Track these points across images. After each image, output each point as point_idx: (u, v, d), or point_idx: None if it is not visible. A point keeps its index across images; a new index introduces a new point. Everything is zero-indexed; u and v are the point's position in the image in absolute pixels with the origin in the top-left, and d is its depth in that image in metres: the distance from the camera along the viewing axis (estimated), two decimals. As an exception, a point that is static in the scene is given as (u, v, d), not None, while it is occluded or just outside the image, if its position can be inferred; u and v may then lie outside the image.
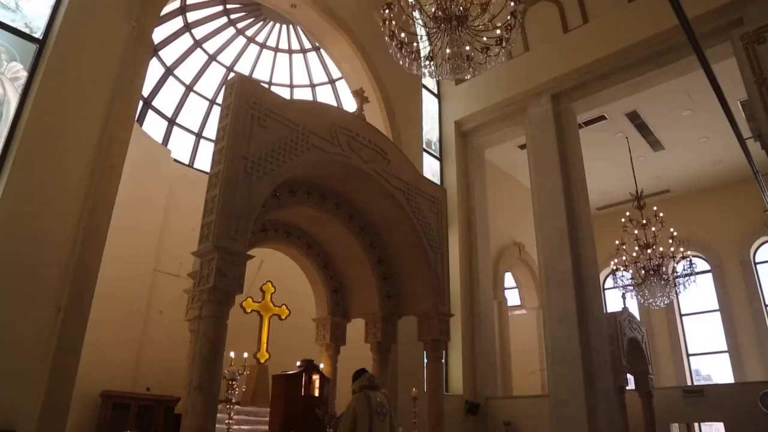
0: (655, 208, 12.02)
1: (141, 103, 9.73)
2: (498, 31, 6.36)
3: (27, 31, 6.07)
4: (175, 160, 9.89)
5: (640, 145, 14.39)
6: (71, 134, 5.86)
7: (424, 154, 12.79)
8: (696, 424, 14.07)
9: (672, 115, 13.28)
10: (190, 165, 10.63)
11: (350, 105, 10.30)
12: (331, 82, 13.00)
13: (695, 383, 14.99)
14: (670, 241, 11.57)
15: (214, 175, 5.25)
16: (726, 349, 15.45)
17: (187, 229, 7.52)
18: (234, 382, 5.22)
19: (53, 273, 5.39)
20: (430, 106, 13.97)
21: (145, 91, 10.02)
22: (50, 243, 5.44)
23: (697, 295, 15.36)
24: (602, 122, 13.55)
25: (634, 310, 13.78)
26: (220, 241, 4.86)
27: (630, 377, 11.98)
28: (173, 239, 8.71)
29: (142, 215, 8.48)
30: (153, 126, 10.43)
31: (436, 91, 14.35)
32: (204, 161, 10.62)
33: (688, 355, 16.36)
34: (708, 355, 16.18)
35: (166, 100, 10.88)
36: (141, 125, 9.70)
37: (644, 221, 11.76)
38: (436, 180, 13.04)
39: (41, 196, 5.47)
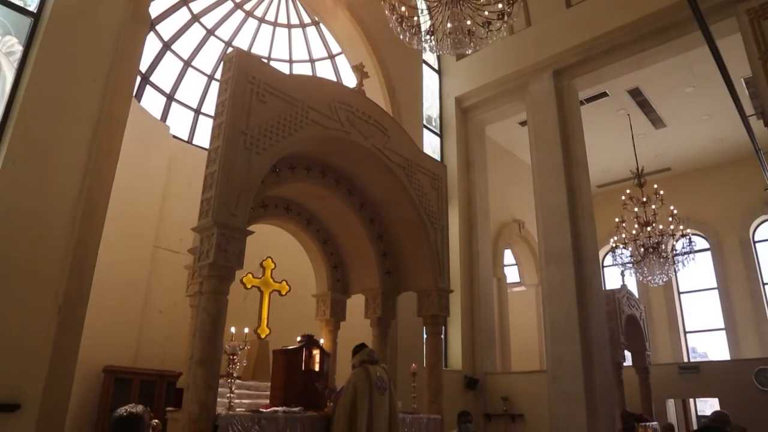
0: (655, 185, 12.00)
1: (139, 79, 9.64)
2: (500, 5, 6.28)
3: (21, 4, 5.98)
4: (174, 137, 9.83)
5: (641, 122, 14.32)
6: (69, 110, 5.81)
7: (425, 130, 12.73)
8: (691, 400, 14.26)
9: (674, 92, 13.18)
10: (189, 141, 10.58)
11: (350, 80, 10.20)
12: (331, 57, 12.87)
13: (692, 360, 15.13)
14: (670, 219, 11.58)
15: (213, 150, 5.23)
16: (723, 326, 15.58)
17: (186, 206, 7.53)
18: (235, 357, 5.25)
19: (53, 250, 5.39)
20: (430, 81, 13.86)
21: (143, 67, 9.92)
22: (49, 220, 5.43)
23: (696, 273, 15.43)
24: (604, 99, 13.46)
25: (632, 287, 13.86)
26: (219, 216, 4.86)
27: (627, 353, 12.10)
28: (173, 216, 8.71)
29: (142, 192, 8.46)
30: (151, 102, 10.35)
31: (436, 67, 14.22)
32: (203, 137, 10.56)
33: (685, 333, 16.49)
34: (705, 333, 16.31)
35: (164, 76, 10.78)
36: (139, 101, 9.62)
37: (644, 199, 11.75)
38: (436, 156, 13.00)
39: (39, 173, 5.44)
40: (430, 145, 13.11)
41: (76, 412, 6.93)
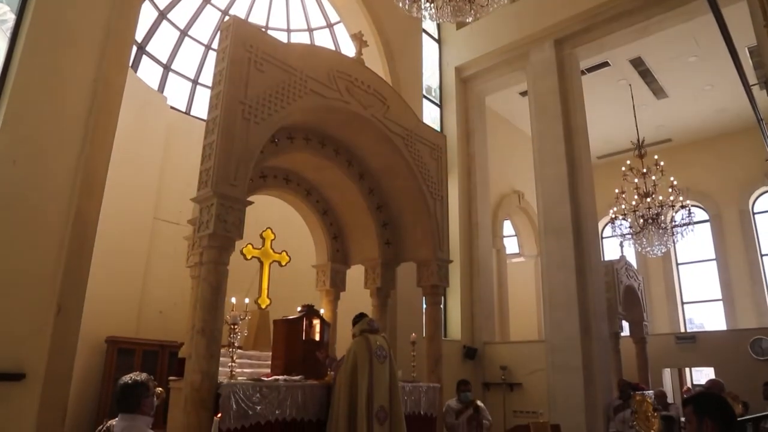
0: (656, 156, 11.95)
1: (135, 49, 9.50)
2: (501, -28, 6.14)
3: (13, -30, 5.85)
4: (172, 107, 9.74)
5: (643, 92, 14.19)
6: (64, 80, 5.72)
7: (424, 100, 12.62)
8: (687, 369, 14.46)
9: (677, 62, 13.03)
10: (187, 112, 10.48)
11: (349, 50, 10.06)
12: (329, 26, 12.67)
13: (688, 331, 15.29)
14: (670, 190, 11.56)
15: (212, 120, 5.20)
16: (720, 297, 15.70)
17: (185, 177, 7.50)
18: (236, 327, 5.29)
19: (52, 222, 5.37)
20: (430, 51, 13.68)
21: (139, 36, 9.77)
22: (47, 192, 5.40)
23: (695, 245, 15.50)
24: (605, 69, 13.32)
25: (631, 258, 13.93)
26: (219, 187, 4.85)
27: (625, 324, 12.22)
28: (172, 187, 8.69)
29: (140, 164, 8.42)
30: (148, 73, 10.22)
31: (436, 36, 14.02)
32: (201, 108, 10.46)
33: (682, 303, 16.63)
34: (702, 304, 16.45)
35: (160, 46, 10.62)
36: (135, 71, 9.50)
37: (644, 170, 11.71)
38: (436, 127, 12.92)
39: (35, 144, 5.39)
40: (430, 115, 13.01)
41: (81, 382, 7.02)
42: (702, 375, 14.58)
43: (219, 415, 4.41)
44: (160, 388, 5.38)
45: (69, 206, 5.46)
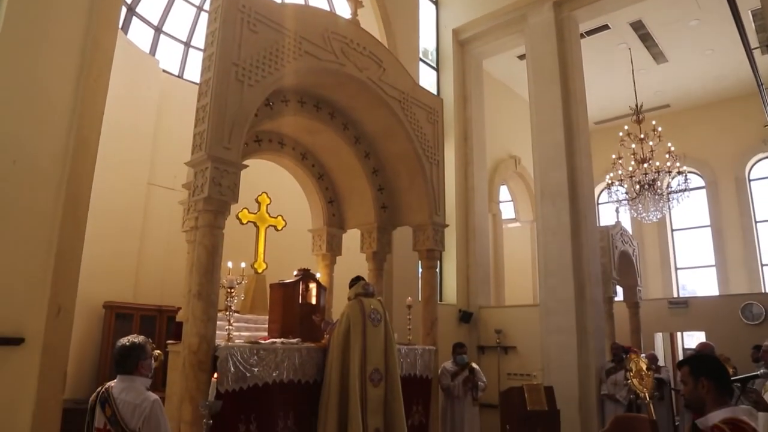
0: (653, 122, 11.88)
1: (124, 10, 9.28)
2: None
3: (-4, -73, 5.65)
4: (164, 71, 9.57)
5: (642, 57, 14.01)
6: (53, 43, 5.59)
7: (421, 63, 12.42)
8: (679, 334, 14.69)
9: (678, 25, 12.83)
10: (180, 76, 10.31)
11: (344, 11, 9.85)
12: (324, -13, 12.39)
13: (681, 296, 15.47)
14: (667, 156, 11.54)
15: (204, 82, 5.12)
16: (713, 263, 15.84)
17: (179, 142, 7.41)
18: (232, 290, 5.31)
19: (46, 187, 5.33)
20: (427, 13, 13.42)
21: (129, -4, 9.53)
22: (39, 156, 5.33)
23: (690, 211, 15.56)
24: (605, 32, 13.11)
25: (626, 224, 13.98)
26: (213, 150, 4.81)
27: (619, 289, 12.34)
28: (166, 152, 8.59)
29: (133, 128, 8.30)
30: (139, 35, 10.00)
31: (433, -3, 13.75)
32: (194, 72, 10.29)
33: (676, 269, 16.79)
34: (695, 270, 16.60)
35: (151, 7, 10.37)
36: (126, 34, 9.30)
37: (642, 136, 11.66)
38: (433, 91, 12.76)
39: (25, 108, 5.30)
40: (427, 79, 12.83)
41: (79, 346, 7.08)
42: (693, 339, 14.82)
43: (216, 376, 4.46)
44: (158, 351, 5.44)
45: (62, 169, 5.41)
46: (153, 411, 3.06)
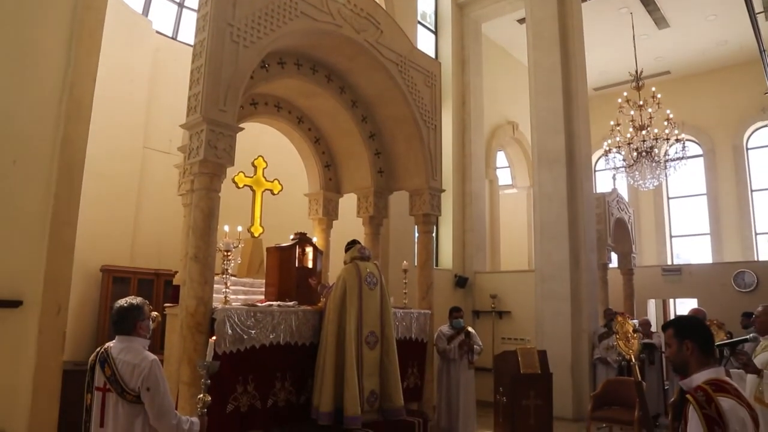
0: (653, 89, 11.77)
1: (116, -32, 9.04)
2: None
3: None
4: (158, 32, 9.39)
5: (644, 22, 13.81)
6: (42, 1, 5.47)
7: (419, 26, 12.22)
8: (671, 300, 14.86)
9: (681, -11, 12.62)
10: (174, 37, 10.12)
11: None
12: (321, -54, 12.07)
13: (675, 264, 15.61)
14: (665, 123, 11.47)
15: (199, 43, 5.03)
16: (708, 231, 15.92)
17: (174, 105, 7.32)
18: (229, 253, 5.32)
19: (40, 149, 5.27)
20: (425, -26, 13.15)
21: (120, -46, 9.27)
22: (32, 118, 5.26)
23: (686, 179, 15.57)
24: (607, -5, 12.89)
25: (623, 191, 14.00)
26: (208, 112, 4.75)
27: (614, 255, 12.44)
28: (161, 115, 8.50)
29: (127, 91, 8.18)
30: (132, -5, 9.78)
31: (432, -42, 13.45)
32: (188, 33, 10.09)
33: (671, 237, 16.88)
34: (690, 238, 16.70)
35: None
36: (118, -7, 9.08)
37: (641, 102, 11.57)
38: (431, 55, 12.58)
39: (16, 69, 5.20)
40: (425, 42, 12.65)
41: (78, 310, 7.13)
42: (686, 307, 15.00)
43: (214, 337, 4.51)
44: (156, 312, 5.48)
45: (56, 131, 5.35)
46: (152, 371, 3.10)
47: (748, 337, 4.32)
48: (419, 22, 12.29)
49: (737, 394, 2.35)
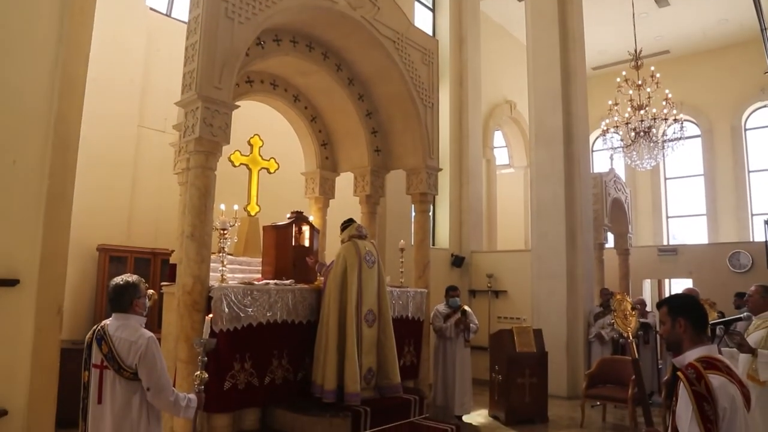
0: (652, 68, 11.67)
1: (109, -58, 8.88)
2: None
3: None
4: (152, 9, 9.25)
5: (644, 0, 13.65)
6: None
7: (416, 4, 12.08)
8: (666, 280, 14.94)
9: (683, -35, 12.44)
10: (168, 14, 9.98)
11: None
12: None
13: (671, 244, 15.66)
14: (664, 103, 11.40)
15: (193, 19, 4.97)
16: (704, 212, 15.95)
17: (168, 84, 7.24)
18: (225, 232, 5.32)
19: (33, 127, 5.21)
20: (423, -50, 12.96)
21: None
22: (25, 95, 5.19)
23: (684, 159, 15.54)
24: (607, -28, 12.72)
25: (620, 171, 13.99)
26: (203, 90, 4.71)
27: (610, 235, 12.46)
28: (156, 94, 8.41)
29: (121, 70, 8.07)
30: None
31: (430, -67, 13.24)
32: (182, 10, 9.94)
33: (667, 217, 16.91)
34: (686, 218, 16.73)
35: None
36: (111, -32, 8.92)
37: (640, 82, 11.49)
38: (428, 32, 12.46)
39: (6, 44, 5.12)
40: (422, 20, 12.51)
41: (76, 288, 7.14)
42: (681, 287, 15.07)
43: (211, 315, 4.53)
44: (152, 290, 5.49)
45: (50, 108, 5.28)
46: (149, 348, 3.11)
47: (741, 315, 4.35)
48: (416, -1, 12.15)
49: (728, 372, 2.37)
